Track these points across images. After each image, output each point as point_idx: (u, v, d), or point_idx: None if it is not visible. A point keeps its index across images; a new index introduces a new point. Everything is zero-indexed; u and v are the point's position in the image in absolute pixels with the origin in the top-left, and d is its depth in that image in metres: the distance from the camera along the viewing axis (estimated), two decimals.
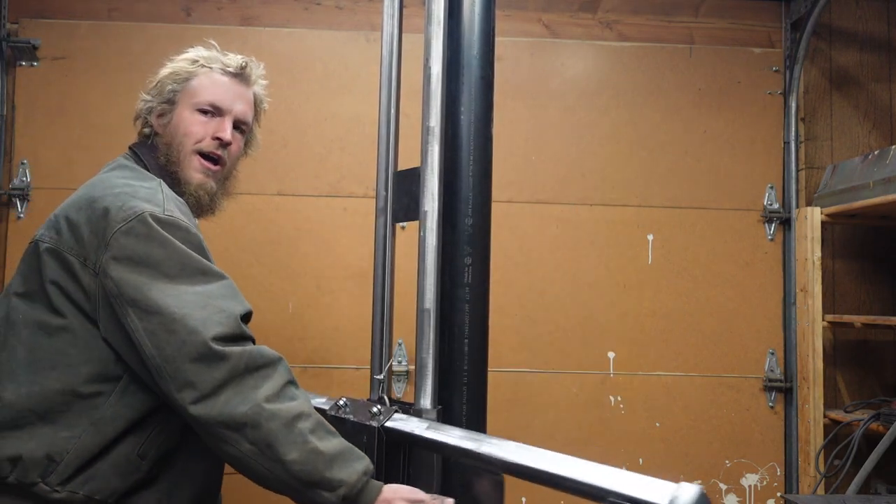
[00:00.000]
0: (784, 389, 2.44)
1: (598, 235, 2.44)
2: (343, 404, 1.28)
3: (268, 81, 1.51)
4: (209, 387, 1.09)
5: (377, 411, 1.22)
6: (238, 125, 1.42)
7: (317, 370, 2.38)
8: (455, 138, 1.30)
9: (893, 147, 2.17)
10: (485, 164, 1.31)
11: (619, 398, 2.43)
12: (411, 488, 1.14)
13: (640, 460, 2.41)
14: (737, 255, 2.47)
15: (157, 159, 1.37)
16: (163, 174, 1.35)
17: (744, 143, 2.50)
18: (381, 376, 1.34)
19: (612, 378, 2.43)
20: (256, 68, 1.46)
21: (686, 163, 2.48)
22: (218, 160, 1.40)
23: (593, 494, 0.90)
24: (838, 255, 2.47)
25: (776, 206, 2.48)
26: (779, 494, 2.42)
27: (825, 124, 2.51)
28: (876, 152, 2.24)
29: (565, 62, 2.50)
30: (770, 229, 2.48)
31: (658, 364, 2.44)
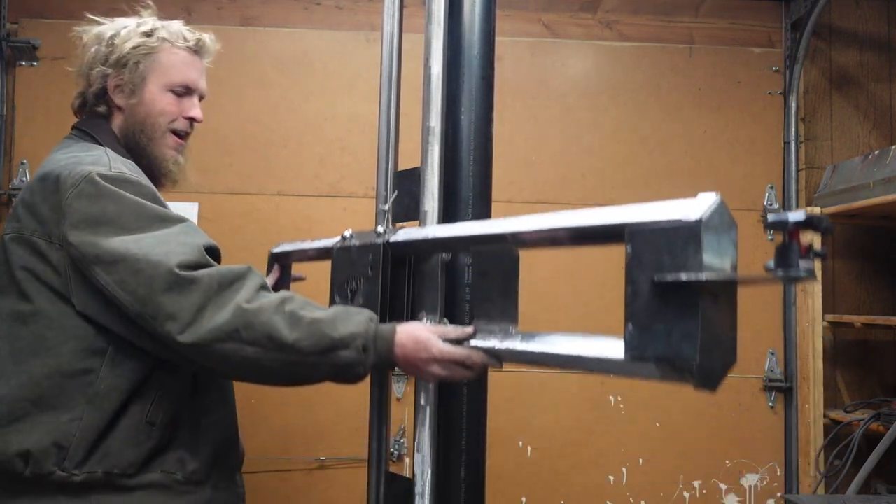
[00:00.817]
0: (784, 389, 2.44)
1: None
2: (349, 235, 1.31)
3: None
4: (189, 313, 1.09)
5: (382, 231, 1.23)
6: (199, 99, 1.45)
7: None
8: (455, 138, 1.30)
9: (893, 147, 2.17)
10: (485, 164, 1.31)
11: (619, 398, 2.43)
12: (420, 324, 1.14)
13: (641, 460, 2.41)
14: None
15: (113, 133, 1.36)
16: (125, 148, 1.35)
17: (744, 143, 2.50)
18: (387, 207, 1.33)
19: (612, 378, 2.43)
20: (212, 43, 1.46)
21: (686, 163, 2.48)
22: (186, 136, 1.44)
23: (614, 233, 0.83)
24: (838, 255, 2.47)
25: (776, 206, 2.48)
26: (779, 494, 2.42)
27: (825, 124, 2.51)
28: (876, 152, 2.24)
29: (565, 62, 2.50)
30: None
31: None
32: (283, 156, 2.42)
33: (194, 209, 2.37)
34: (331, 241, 1.40)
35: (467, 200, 1.28)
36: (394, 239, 1.21)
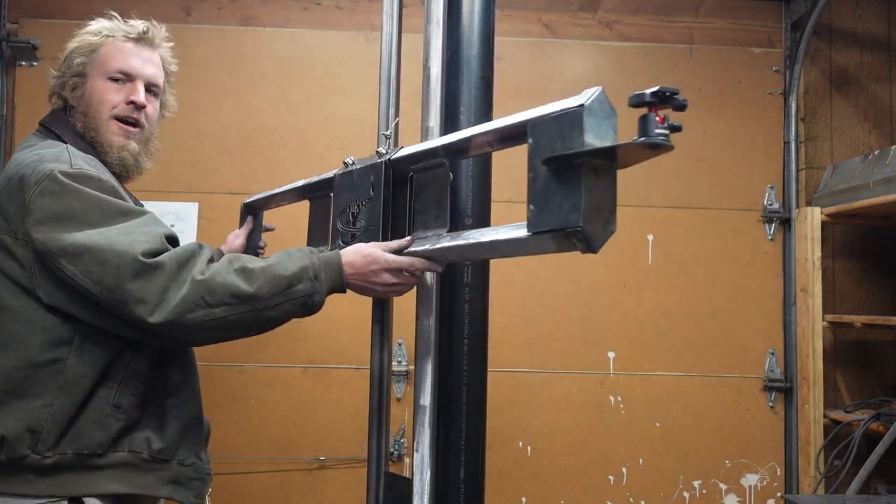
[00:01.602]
0: (784, 389, 2.43)
1: None
2: (351, 161, 1.35)
3: (172, 43, 1.56)
4: (156, 295, 1.16)
5: (384, 151, 1.26)
6: (150, 88, 1.47)
7: (317, 370, 2.38)
8: None
9: (893, 147, 2.17)
10: (485, 164, 1.31)
11: (619, 398, 2.43)
12: (362, 243, 1.24)
13: (641, 460, 2.41)
14: (737, 255, 2.47)
15: (73, 128, 1.42)
16: (83, 142, 1.40)
17: (744, 143, 2.50)
18: (389, 132, 1.34)
19: (612, 378, 2.43)
20: (159, 32, 1.51)
21: (686, 163, 2.48)
22: (136, 123, 1.45)
23: (518, 133, 0.99)
24: (838, 255, 2.47)
25: (776, 206, 2.48)
26: (779, 494, 2.42)
27: (825, 124, 2.50)
28: (876, 152, 2.24)
29: (565, 62, 2.50)
30: (770, 229, 2.48)
31: (658, 364, 2.44)
32: (283, 156, 2.42)
33: (194, 209, 2.37)
34: (300, 182, 1.49)
35: (467, 200, 1.28)
36: (395, 156, 1.23)
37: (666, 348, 2.44)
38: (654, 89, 0.81)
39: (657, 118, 0.82)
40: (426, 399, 1.22)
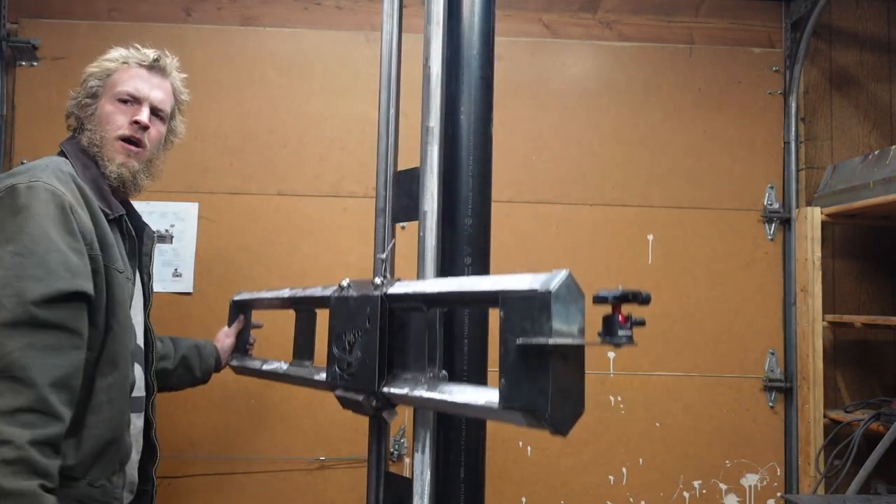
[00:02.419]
0: (784, 389, 2.44)
1: (598, 235, 2.44)
2: (346, 285, 1.31)
3: (186, 75, 1.66)
4: None
5: (380, 282, 1.23)
6: (156, 112, 1.55)
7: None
8: (455, 138, 1.30)
9: (893, 147, 2.17)
10: (485, 164, 1.31)
11: (619, 398, 2.43)
12: None
13: (641, 460, 2.41)
14: (737, 255, 2.47)
15: (79, 144, 1.50)
16: (87, 158, 1.49)
17: (744, 143, 2.50)
18: (385, 255, 1.33)
19: (612, 378, 2.43)
20: (171, 61, 1.61)
21: (686, 163, 2.48)
22: (138, 142, 1.52)
23: (491, 300, 0.99)
24: (838, 255, 2.47)
25: (776, 206, 2.48)
26: (779, 494, 2.42)
27: (825, 124, 2.51)
28: (876, 152, 2.24)
29: (565, 62, 2.50)
30: (770, 229, 2.48)
31: (658, 364, 2.44)
32: (283, 156, 2.42)
33: (194, 209, 2.37)
34: (324, 288, 1.42)
35: (467, 200, 1.28)
36: (391, 291, 1.19)
37: (666, 348, 2.44)
38: (617, 293, 0.87)
39: (620, 318, 0.87)
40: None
